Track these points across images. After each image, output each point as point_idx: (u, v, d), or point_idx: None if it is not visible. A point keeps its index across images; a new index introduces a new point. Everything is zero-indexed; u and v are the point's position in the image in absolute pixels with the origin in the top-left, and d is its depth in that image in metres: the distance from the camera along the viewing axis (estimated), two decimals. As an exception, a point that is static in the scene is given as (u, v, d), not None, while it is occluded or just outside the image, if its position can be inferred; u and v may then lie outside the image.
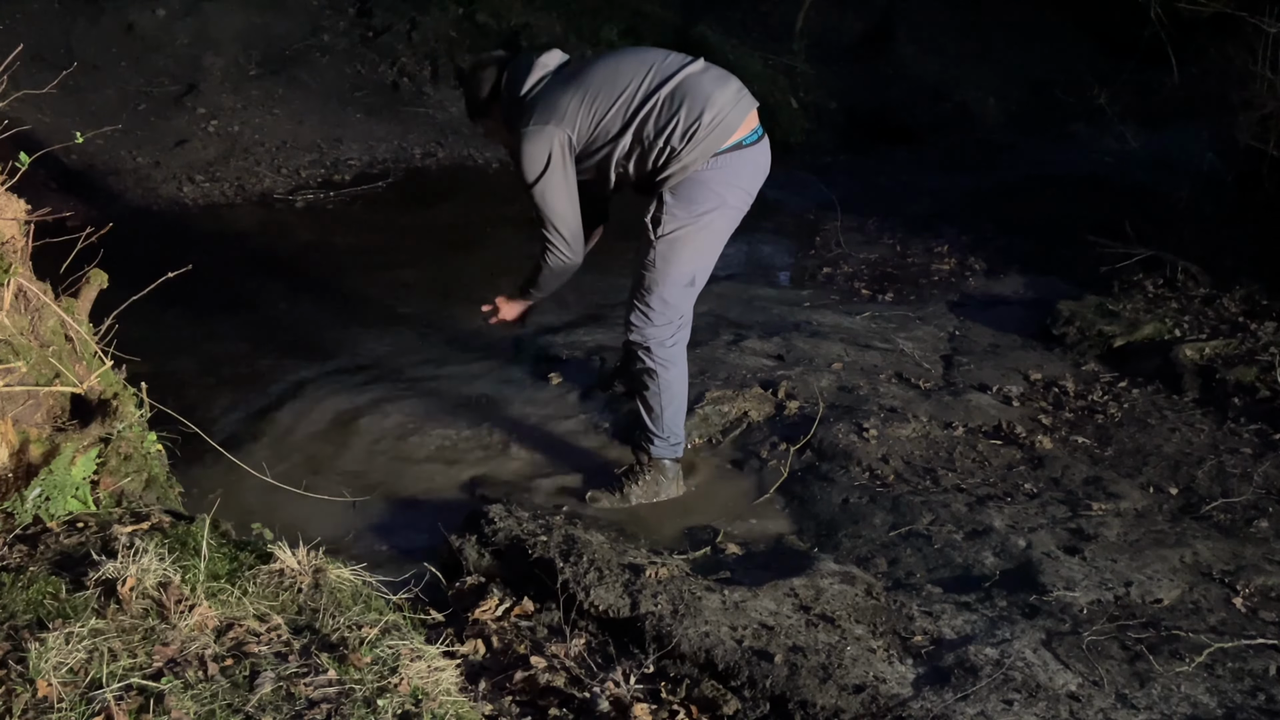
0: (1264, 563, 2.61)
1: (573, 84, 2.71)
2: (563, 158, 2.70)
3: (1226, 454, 3.20)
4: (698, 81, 2.69)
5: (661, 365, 2.87)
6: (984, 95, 7.66)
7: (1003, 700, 2.02)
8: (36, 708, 1.59)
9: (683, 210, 2.71)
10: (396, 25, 7.31)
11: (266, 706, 1.64)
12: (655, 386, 2.89)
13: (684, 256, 2.76)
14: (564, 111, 2.68)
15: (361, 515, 2.90)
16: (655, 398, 2.90)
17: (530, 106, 2.71)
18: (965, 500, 2.93)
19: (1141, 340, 3.92)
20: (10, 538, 2.10)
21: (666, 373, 2.88)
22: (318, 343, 3.98)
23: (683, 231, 2.73)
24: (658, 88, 2.68)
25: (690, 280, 2.81)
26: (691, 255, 2.77)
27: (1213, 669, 2.18)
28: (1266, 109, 4.46)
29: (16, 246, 2.26)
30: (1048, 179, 5.95)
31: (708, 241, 2.78)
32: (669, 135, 2.66)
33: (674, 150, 2.66)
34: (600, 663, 2.14)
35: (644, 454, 2.98)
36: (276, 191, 5.73)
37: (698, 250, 2.77)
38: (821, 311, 4.32)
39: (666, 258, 2.75)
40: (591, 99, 2.68)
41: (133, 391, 2.45)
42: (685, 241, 2.74)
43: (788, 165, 6.40)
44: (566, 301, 4.39)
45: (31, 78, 3.07)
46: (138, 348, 2.57)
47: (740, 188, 2.75)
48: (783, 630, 2.20)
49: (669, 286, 2.79)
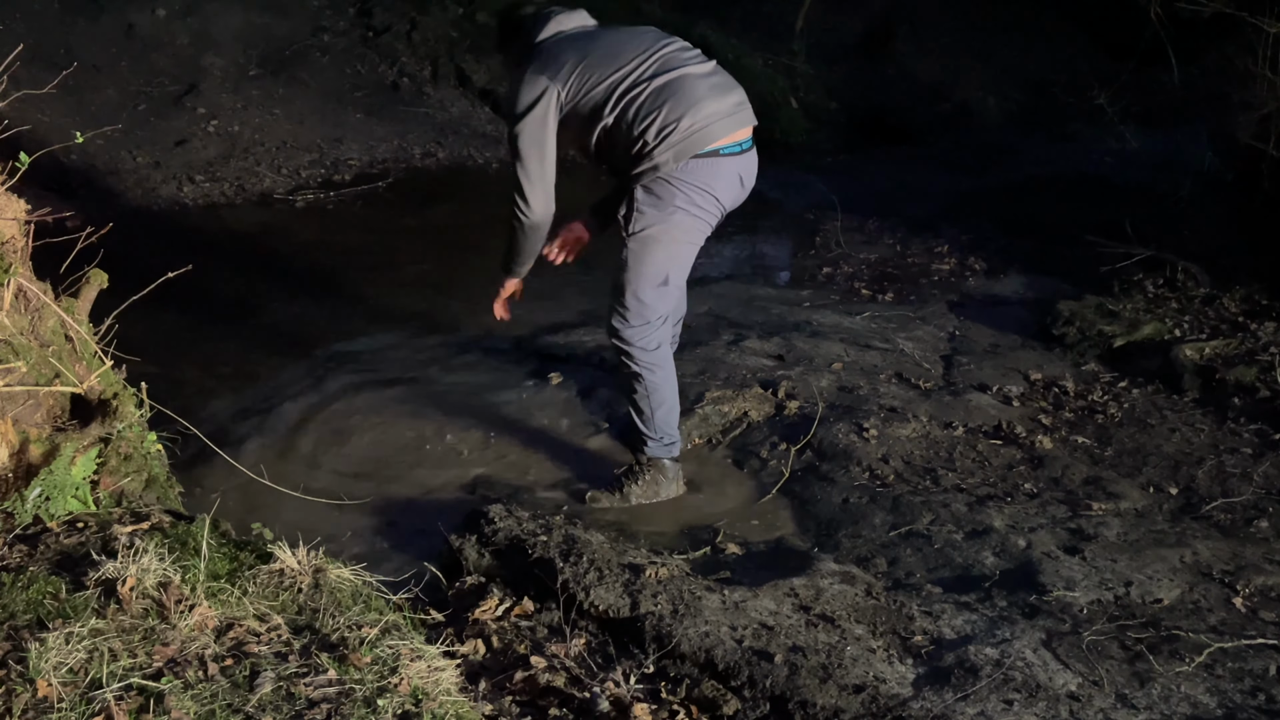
0: (1264, 563, 2.61)
1: (579, 46, 2.75)
2: (546, 110, 2.71)
3: (1226, 454, 3.20)
4: (694, 84, 2.69)
5: (647, 369, 2.87)
6: (984, 95, 7.66)
7: (1003, 700, 2.02)
8: (36, 708, 1.59)
9: (650, 209, 2.73)
10: (396, 25, 7.32)
11: (266, 706, 1.64)
12: (643, 389, 2.90)
13: (656, 256, 2.77)
14: (560, 68, 2.71)
15: (362, 515, 2.90)
16: (644, 400, 2.91)
17: (536, 54, 2.76)
18: (965, 500, 2.93)
19: (1141, 340, 3.92)
20: (10, 538, 2.10)
21: (652, 375, 2.88)
22: (317, 343, 3.98)
23: (653, 230, 2.75)
24: (652, 76, 2.69)
25: (664, 280, 2.81)
26: (663, 256, 2.78)
27: (1213, 669, 2.18)
28: (1266, 109, 4.46)
29: (16, 246, 2.26)
30: (1048, 179, 5.95)
31: (678, 242, 2.79)
32: (645, 128, 2.67)
33: (646, 144, 2.67)
34: (600, 663, 2.14)
35: (642, 457, 3.00)
36: (276, 191, 5.72)
37: (668, 251, 2.78)
38: (821, 311, 4.32)
39: (639, 256, 2.78)
40: (588, 66, 2.71)
41: (133, 391, 2.45)
42: (655, 240, 2.76)
43: (788, 165, 6.42)
44: (567, 301, 4.39)
45: (31, 78, 3.06)
46: (138, 348, 2.57)
47: (711, 195, 2.74)
48: (783, 630, 2.20)
49: (642, 286, 2.79)
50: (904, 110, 7.49)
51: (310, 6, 7.32)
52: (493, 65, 7.12)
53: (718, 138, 2.68)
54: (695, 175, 2.70)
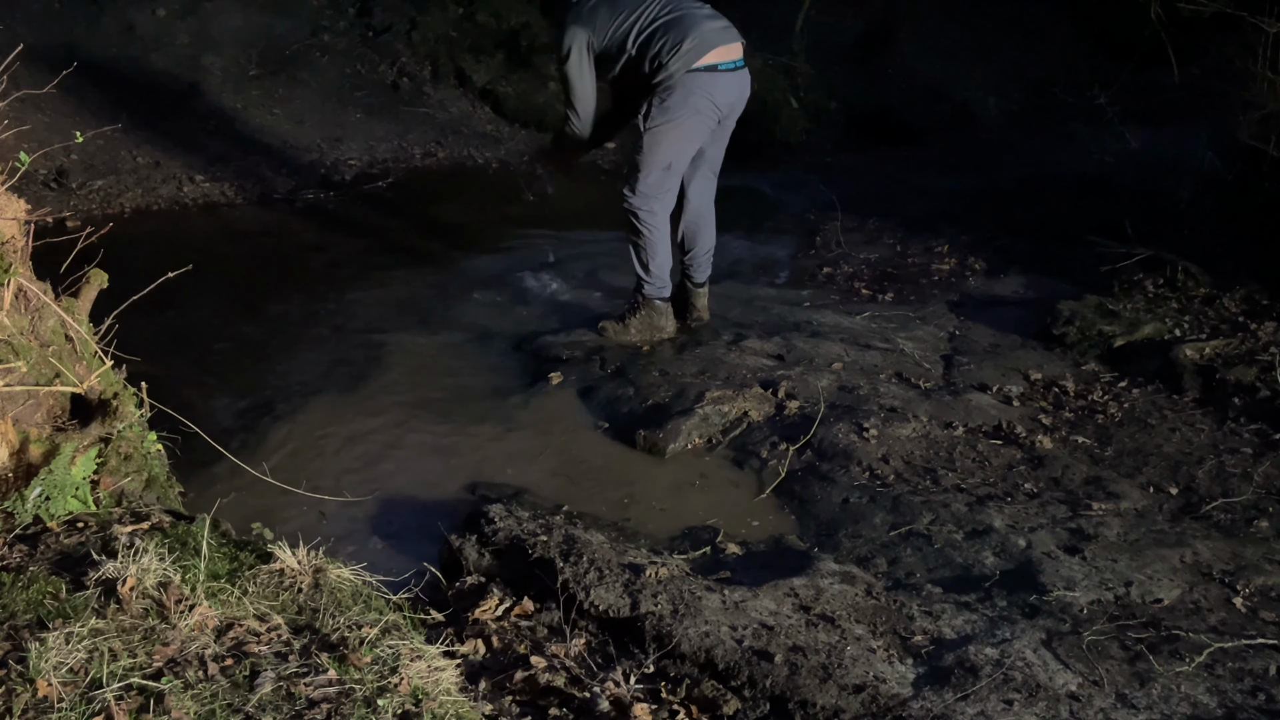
0: (1264, 563, 2.61)
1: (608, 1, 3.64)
2: (580, 54, 3.62)
3: (1226, 454, 3.20)
4: (694, 15, 3.61)
5: (648, 229, 3.79)
6: (984, 95, 7.66)
7: (1003, 700, 2.02)
8: (36, 708, 1.59)
9: (660, 112, 3.61)
10: (396, 25, 7.31)
11: (266, 706, 1.64)
12: (643, 243, 3.81)
13: (662, 147, 3.65)
14: (593, 20, 3.62)
15: (362, 515, 2.90)
16: (644, 252, 3.83)
17: (575, 9, 3.66)
18: (965, 500, 2.93)
19: (1141, 340, 3.92)
20: (10, 538, 2.10)
21: (651, 234, 3.79)
22: (317, 342, 3.98)
23: (663, 126, 3.61)
24: (663, 15, 3.59)
25: (668, 165, 3.69)
26: (668, 146, 3.66)
27: (1213, 669, 2.18)
28: (1266, 109, 4.45)
29: (16, 246, 2.26)
30: (1048, 179, 5.94)
31: (682, 137, 3.66)
32: (659, 50, 3.56)
33: (660, 62, 3.56)
34: (600, 663, 2.14)
35: (640, 295, 3.91)
36: (276, 191, 5.72)
37: (673, 143, 3.66)
38: (821, 311, 4.32)
39: (650, 147, 3.66)
40: (616, 14, 3.61)
41: (133, 391, 2.45)
42: (664, 134, 3.63)
43: (788, 165, 6.42)
44: (567, 302, 4.39)
45: (31, 78, 3.06)
46: (138, 348, 2.57)
47: (710, 100, 3.60)
48: (783, 630, 2.20)
49: (651, 168, 3.69)
50: (904, 110, 7.48)
51: (310, 6, 7.31)
52: (492, 65, 7.13)
53: (710, 48, 3.55)
54: (697, 85, 3.56)
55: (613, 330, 3.91)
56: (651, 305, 3.92)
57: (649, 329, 3.91)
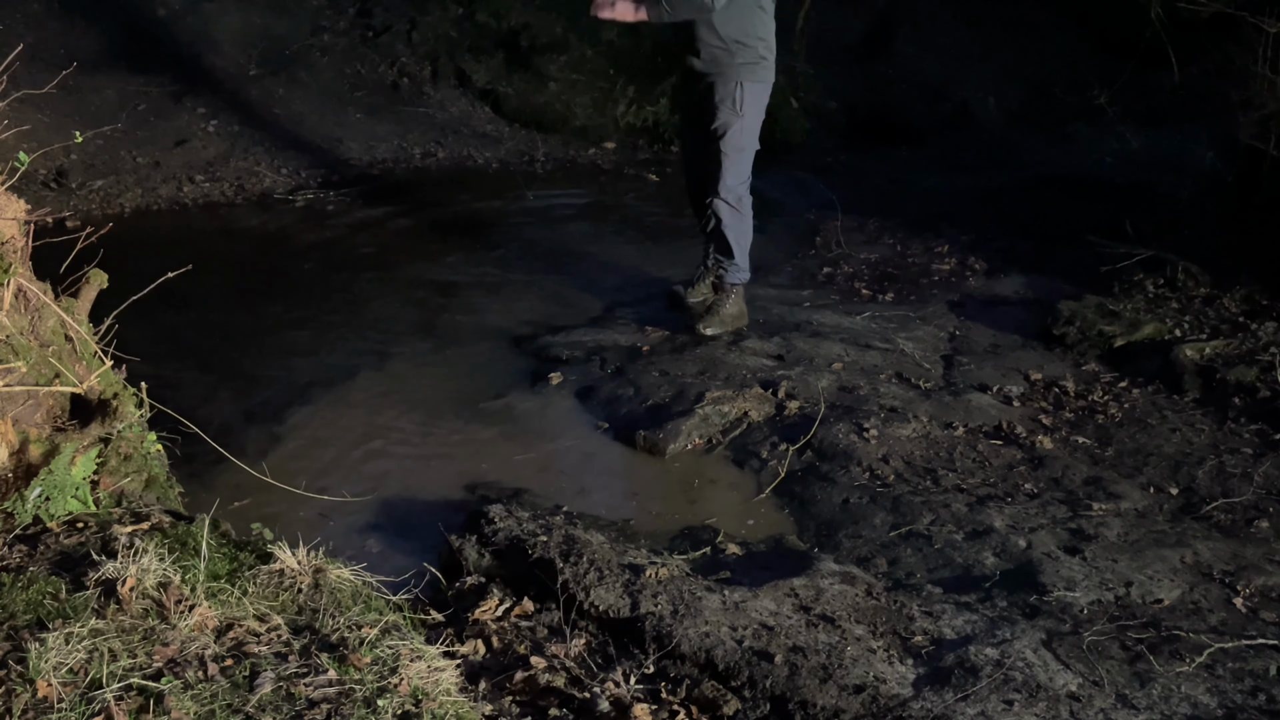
0: (1264, 563, 2.61)
1: None
2: None
3: (1227, 454, 3.20)
4: None
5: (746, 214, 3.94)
6: (984, 95, 7.65)
7: (1003, 700, 2.02)
8: (36, 708, 1.59)
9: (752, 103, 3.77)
10: (396, 25, 7.31)
11: (266, 706, 1.64)
12: (739, 229, 3.93)
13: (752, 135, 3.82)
14: None
15: (362, 515, 2.90)
16: (737, 239, 3.94)
17: None
18: (965, 500, 2.93)
19: (1142, 340, 3.92)
20: (10, 538, 2.10)
21: (748, 219, 3.96)
22: (317, 342, 3.98)
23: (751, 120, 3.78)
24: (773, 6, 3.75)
25: (754, 150, 3.88)
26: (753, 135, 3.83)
27: (1213, 669, 2.18)
28: (1266, 109, 4.45)
29: (16, 246, 2.26)
30: (1048, 179, 5.94)
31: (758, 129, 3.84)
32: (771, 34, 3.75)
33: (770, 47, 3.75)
34: (600, 663, 2.14)
35: (725, 284, 4.02)
36: (276, 191, 5.71)
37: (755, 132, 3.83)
38: (822, 311, 4.32)
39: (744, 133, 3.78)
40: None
41: (133, 391, 2.45)
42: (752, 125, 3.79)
43: (788, 165, 6.41)
44: (567, 301, 4.39)
45: (31, 78, 3.05)
46: (138, 348, 2.57)
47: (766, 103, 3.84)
48: (783, 630, 2.20)
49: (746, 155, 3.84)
50: (904, 110, 7.47)
51: (310, 6, 7.31)
52: (492, 65, 7.13)
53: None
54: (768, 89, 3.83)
55: (716, 324, 3.97)
56: (738, 293, 4.05)
57: (736, 318, 4.03)
